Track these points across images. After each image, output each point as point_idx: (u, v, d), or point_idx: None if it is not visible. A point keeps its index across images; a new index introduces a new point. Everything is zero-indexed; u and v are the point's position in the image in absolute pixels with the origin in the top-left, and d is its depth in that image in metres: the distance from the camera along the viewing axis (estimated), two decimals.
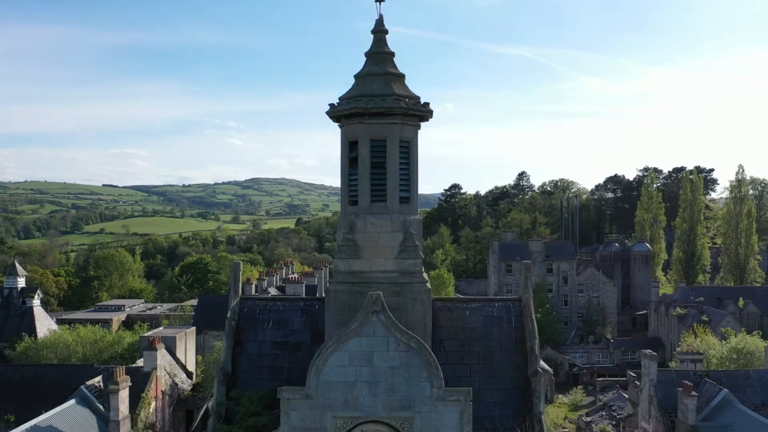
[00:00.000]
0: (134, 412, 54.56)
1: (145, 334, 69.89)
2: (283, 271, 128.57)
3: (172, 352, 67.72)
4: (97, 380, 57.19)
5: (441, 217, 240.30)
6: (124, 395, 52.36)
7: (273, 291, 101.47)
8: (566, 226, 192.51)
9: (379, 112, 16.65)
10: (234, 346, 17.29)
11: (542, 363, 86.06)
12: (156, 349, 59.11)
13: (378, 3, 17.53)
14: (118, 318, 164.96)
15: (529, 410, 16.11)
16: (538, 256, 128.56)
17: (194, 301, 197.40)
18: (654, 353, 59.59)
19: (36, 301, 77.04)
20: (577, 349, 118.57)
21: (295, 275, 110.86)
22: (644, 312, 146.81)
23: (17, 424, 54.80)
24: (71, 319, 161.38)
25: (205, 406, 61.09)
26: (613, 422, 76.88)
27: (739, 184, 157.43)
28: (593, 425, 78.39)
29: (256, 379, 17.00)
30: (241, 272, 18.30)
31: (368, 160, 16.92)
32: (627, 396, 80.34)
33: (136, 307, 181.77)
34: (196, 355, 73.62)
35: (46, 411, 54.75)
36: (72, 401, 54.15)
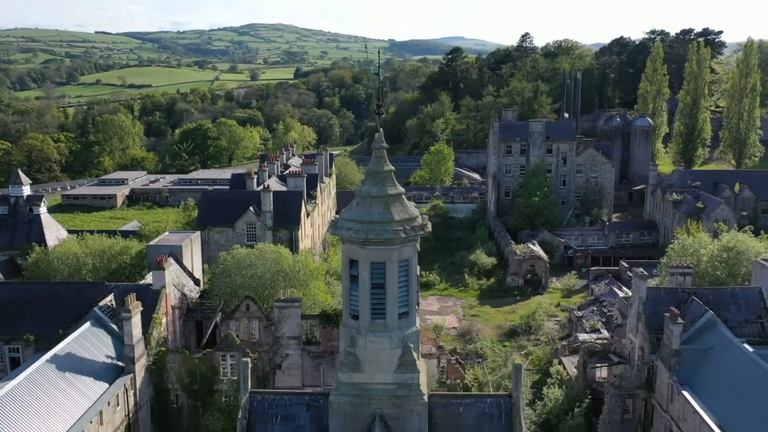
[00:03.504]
0: (147, 332, 57.46)
1: (152, 243, 71.71)
2: (284, 156, 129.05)
3: (179, 261, 69.84)
4: (109, 299, 59.78)
5: (441, 81, 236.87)
6: (136, 320, 55.08)
7: (274, 183, 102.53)
8: (568, 94, 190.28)
9: (379, 241, 17.21)
10: None
11: (537, 250, 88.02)
12: (164, 269, 61.11)
13: (378, 116, 17.30)
14: (122, 193, 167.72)
15: None
16: (538, 137, 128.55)
17: (197, 173, 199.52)
18: (645, 273, 61.56)
19: (43, 209, 78.35)
20: (572, 231, 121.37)
21: (296, 168, 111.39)
22: (641, 187, 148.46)
23: (36, 343, 58.10)
24: (76, 195, 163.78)
25: (213, 322, 64.11)
26: (603, 319, 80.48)
27: (746, 58, 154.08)
28: (584, 320, 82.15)
29: None
30: (249, 371, 19.42)
31: (368, 281, 17.61)
32: (618, 293, 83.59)
33: (139, 180, 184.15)
34: (203, 263, 75.93)
35: (61, 330, 57.88)
36: (87, 323, 57.03)
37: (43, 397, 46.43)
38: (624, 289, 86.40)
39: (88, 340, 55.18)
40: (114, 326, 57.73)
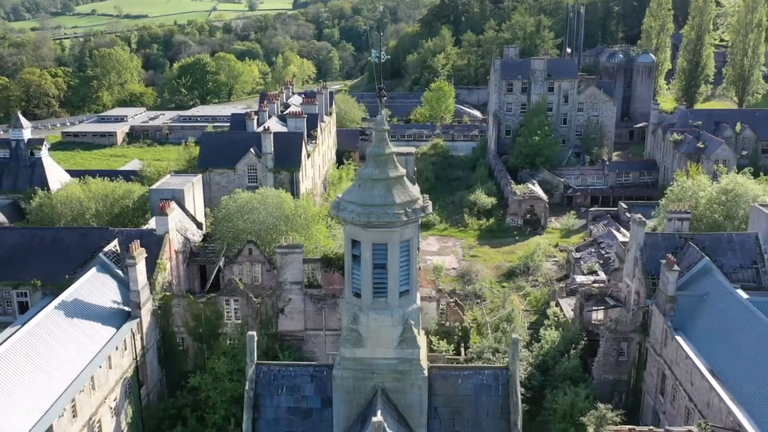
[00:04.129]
0: (151, 277, 58.47)
1: (154, 187, 72.09)
2: (284, 95, 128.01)
3: (181, 205, 70.39)
4: (114, 245, 60.60)
5: (443, 15, 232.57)
6: (141, 266, 56.00)
7: (274, 124, 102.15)
8: (571, 29, 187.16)
9: (381, 224, 17.62)
10: (253, 411, 19.70)
11: (537, 190, 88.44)
12: (167, 215, 61.71)
13: (379, 99, 17.46)
14: (122, 130, 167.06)
15: None
16: (540, 75, 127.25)
17: (197, 110, 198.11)
18: (643, 219, 62.15)
19: (44, 152, 78.38)
20: (572, 171, 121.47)
21: (296, 108, 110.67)
22: (643, 125, 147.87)
23: (43, 288, 59.20)
24: (76, 133, 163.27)
25: (217, 266, 65.06)
26: (601, 261, 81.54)
27: None
28: (582, 262, 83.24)
29: None
30: (255, 344, 20.14)
31: (370, 262, 18.09)
32: (616, 235, 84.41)
33: (138, 117, 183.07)
34: (205, 206, 76.43)
35: (68, 275, 58.93)
36: (93, 269, 58.02)
37: (52, 343, 47.68)
38: (622, 230, 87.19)
39: (94, 286, 56.21)
40: (119, 272, 58.71)
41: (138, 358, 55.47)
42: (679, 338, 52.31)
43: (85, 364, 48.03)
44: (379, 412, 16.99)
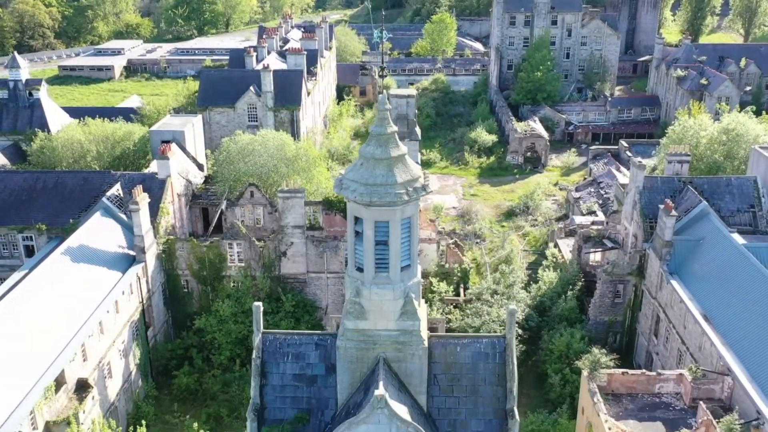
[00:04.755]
0: (155, 221, 59.11)
1: (154, 128, 72.01)
2: (282, 29, 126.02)
3: (181, 146, 70.57)
4: (116, 189, 61.07)
5: None
6: (144, 211, 56.57)
7: (274, 61, 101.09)
8: None
9: (383, 203, 18.00)
10: (260, 378, 20.50)
11: (538, 128, 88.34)
12: (168, 158, 61.91)
13: (381, 78, 17.42)
14: (119, 63, 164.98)
15: None
16: (543, 8, 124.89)
17: (195, 42, 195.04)
18: (643, 163, 62.41)
19: (42, 92, 77.71)
20: (574, 107, 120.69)
21: (296, 44, 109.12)
22: (646, 59, 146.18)
23: (48, 232, 59.94)
24: (73, 66, 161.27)
25: (219, 209, 65.60)
26: (600, 201, 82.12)
27: None
28: (581, 202, 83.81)
29: (281, 408, 20.44)
30: (261, 314, 20.77)
31: (372, 239, 18.49)
32: (616, 174, 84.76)
33: (135, 49, 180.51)
34: (205, 146, 76.47)
35: (72, 219, 59.61)
36: (97, 214, 58.70)
37: (60, 289, 48.66)
38: (622, 169, 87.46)
39: (98, 231, 56.93)
40: (123, 216, 59.35)
41: (144, 302, 56.63)
42: (674, 282, 53.29)
43: (93, 308, 49.08)
44: (381, 384, 17.80)
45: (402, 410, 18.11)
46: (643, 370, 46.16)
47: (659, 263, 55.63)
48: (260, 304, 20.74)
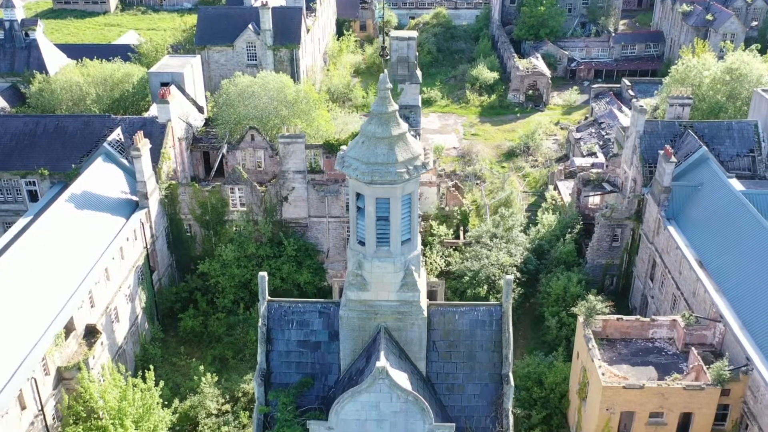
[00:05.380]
0: (156, 166, 59.40)
1: (152, 70, 71.43)
2: None
3: (180, 88, 70.12)
4: (117, 133, 61.15)
5: None
6: (146, 157, 56.83)
7: None
8: None
9: (384, 182, 18.34)
10: (266, 344, 21.25)
11: (540, 65, 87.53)
12: (168, 102, 61.70)
13: (384, 60, 17.31)
14: None
15: (501, 404, 20.75)
16: None
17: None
18: (644, 107, 62.25)
19: (39, 33, 76.62)
20: (577, 43, 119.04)
21: None
22: None
23: (50, 177, 60.37)
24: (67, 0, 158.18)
25: (220, 153, 65.72)
26: (600, 142, 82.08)
27: None
28: (582, 143, 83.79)
29: (286, 373, 21.26)
30: (266, 283, 21.36)
31: (374, 215, 18.85)
32: (617, 114, 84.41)
33: None
34: (204, 85, 75.99)
35: (74, 164, 59.92)
36: (99, 159, 59.00)
37: (65, 236, 49.36)
38: (624, 109, 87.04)
39: (101, 177, 57.32)
40: (124, 161, 59.64)
41: (148, 246, 57.45)
42: (671, 228, 53.97)
43: (99, 255, 49.88)
44: (382, 355, 18.58)
45: (402, 379, 18.94)
46: (638, 317, 47.29)
47: (657, 209, 56.18)
48: (265, 274, 21.38)
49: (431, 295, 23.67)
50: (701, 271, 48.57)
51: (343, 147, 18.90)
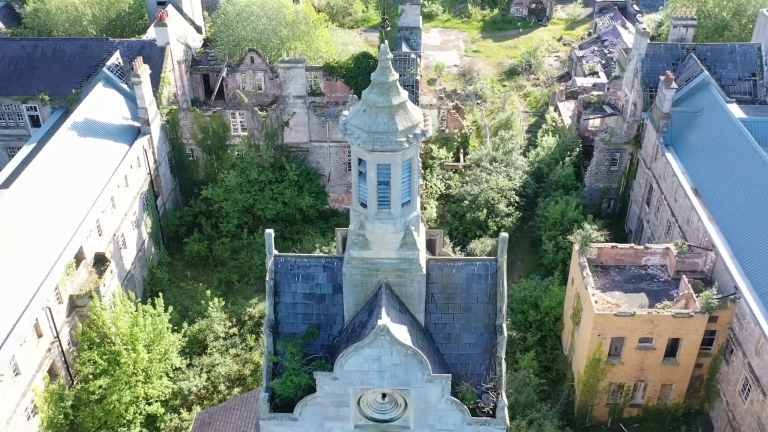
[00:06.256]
0: (157, 91, 59.34)
1: None
2: None
3: (178, 8, 69.12)
4: (116, 57, 60.88)
5: None
6: (146, 84, 56.85)
7: None
8: None
9: (384, 150, 18.89)
10: (274, 297, 22.31)
11: None
12: (166, 25, 61.00)
13: (382, 29, 17.29)
14: None
15: (494, 353, 22.03)
16: None
17: None
18: (647, 30, 61.47)
19: None
20: None
21: None
22: None
23: (51, 102, 60.49)
24: None
25: (221, 76, 65.42)
26: (603, 61, 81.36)
27: None
28: (584, 62, 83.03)
29: (293, 323, 22.38)
30: (272, 240, 22.17)
31: (375, 179, 19.41)
32: (621, 32, 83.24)
33: None
34: (202, 10, 74.70)
35: (74, 89, 59.97)
36: (99, 84, 59.03)
37: (70, 166, 50.00)
38: (628, 25, 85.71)
39: (102, 103, 57.42)
40: (124, 86, 59.59)
41: (152, 172, 58.16)
42: (668, 155, 54.51)
43: (104, 185, 50.66)
44: (383, 312, 19.71)
45: (402, 333, 20.16)
46: (632, 245, 48.44)
47: (656, 135, 56.53)
48: (271, 232, 22.26)
49: (430, 244, 24.68)
50: (696, 200, 49.42)
51: (346, 112, 19.22)
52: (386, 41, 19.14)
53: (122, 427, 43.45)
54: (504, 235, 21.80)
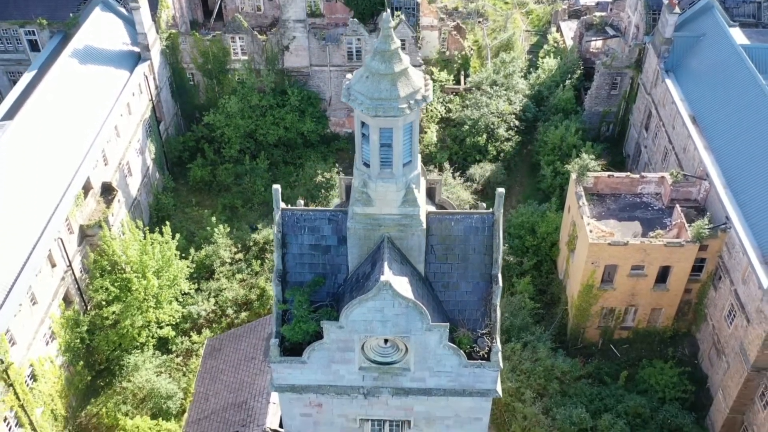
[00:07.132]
0: (155, 15, 58.82)
1: None
2: None
3: None
4: None
5: None
6: (144, 8, 56.38)
7: None
8: None
9: (386, 115, 19.49)
10: (282, 248, 23.33)
11: None
12: None
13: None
14: None
15: (490, 300, 23.31)
16: None
17: None
18: None
19: None
20: None
21: None
22: None
23: (50, 26, 60.07)
24: None
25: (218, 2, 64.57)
26: None
27: None
28: None
29: (300, 272, 23.42)
30: (279, 195, 22.96)
31: (377, 142, 20.03)
32: None
33: None
34: None
35: (72, 13, 59.44)
36: (97, 8, 58.68)
37: (72, 95, 50.30)
38: None
39: (100, 28, 57.10)
40: (122, 9, 59.10)
41: (153, 98, 58.38)
42: (668, 82, 54.60)
43: (107, 114, 51.05)
44: (386, 267, 20.92)
45: (403, 285, 21.42)
46: (628, 173, 49.37)
47: (657, 60, 56.42)
48: (278, 187, 23.15)
49: (430, 192, 25.62)
50: (693, 128, 49.88)
51: (350, 75, 19.91)
52: (388, 11, 19.50)
53: (136, 350, 45.64)
54: (500, 190, 22.73)
